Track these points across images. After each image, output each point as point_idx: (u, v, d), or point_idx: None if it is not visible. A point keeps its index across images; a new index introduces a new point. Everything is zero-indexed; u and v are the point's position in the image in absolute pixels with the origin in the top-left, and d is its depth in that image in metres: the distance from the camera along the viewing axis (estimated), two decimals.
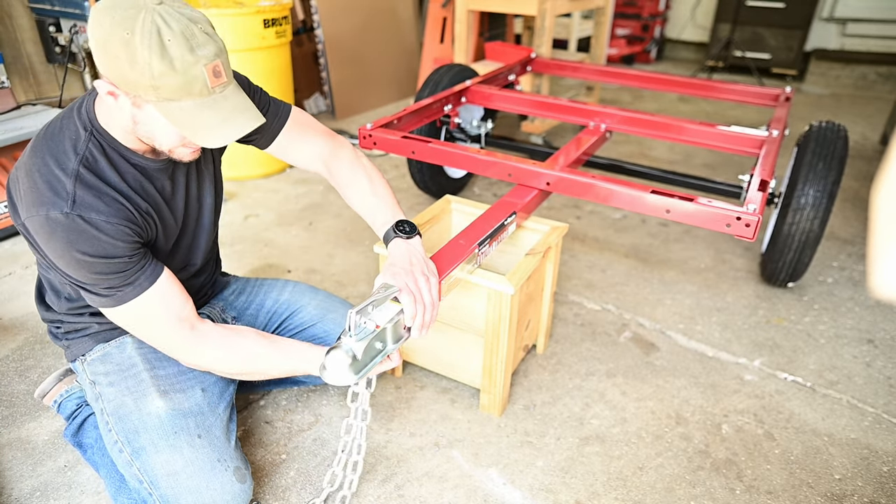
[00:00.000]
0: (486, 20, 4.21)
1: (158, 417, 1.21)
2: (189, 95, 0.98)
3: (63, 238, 1.03)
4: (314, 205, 2.83)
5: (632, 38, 5.88)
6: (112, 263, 1.07)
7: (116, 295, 1.11)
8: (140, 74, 0.95)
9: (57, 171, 1.05)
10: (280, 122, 1.39)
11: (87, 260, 1.05)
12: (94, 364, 1.30)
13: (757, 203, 1.56)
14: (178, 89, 0.97)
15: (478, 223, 1.56)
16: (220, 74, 1.00)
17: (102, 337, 1.32)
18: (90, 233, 1.04)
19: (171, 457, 1.18)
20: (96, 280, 1.08)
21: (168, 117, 1.00)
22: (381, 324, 1.12)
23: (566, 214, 2.81)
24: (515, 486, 1.43)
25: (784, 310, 2.14)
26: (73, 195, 1.03)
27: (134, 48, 0.93)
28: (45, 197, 1.03)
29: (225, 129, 1.03)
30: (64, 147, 1.07)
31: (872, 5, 5.05)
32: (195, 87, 0.98)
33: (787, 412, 1.68)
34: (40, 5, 3.11)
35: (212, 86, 1.00)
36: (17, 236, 2.46)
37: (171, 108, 0.99)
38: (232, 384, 1.39)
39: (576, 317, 2.06)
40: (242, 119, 1.05)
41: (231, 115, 1.03)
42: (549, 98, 2.50)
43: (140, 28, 0.93)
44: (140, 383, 1.25)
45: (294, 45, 3.85)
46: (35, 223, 1.04)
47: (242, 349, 1.21)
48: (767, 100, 2.71)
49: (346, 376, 1.09)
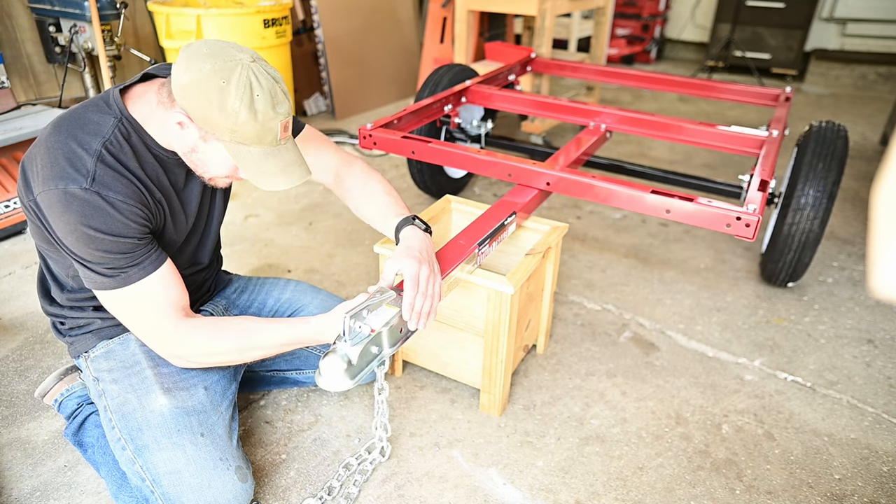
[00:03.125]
0: (486, 20, 4.21)
1: (162, 415, 1.21)
2: (260, 143, 1.10)
3: (78, 212, 1.06)
4: (314, 205, 2.83)
5: (632, 38, 5.88)
6: (121, 243, 1.10)
7: (120, 276, 1.13)
8: (225, 119, 1.05)
9: (79, 149, 1.08)
10: (295, 131, 1.44)
11: (99, 237, 1.07)
12: (98, 361, 1.30)
13: (757, 203, 1.56)
14: (253, 136, 1.08)
15: (478, 223, 1.56)
16: (287, 129, 1.13)
17: (106, 334, 1.32)
18: (106, 210, 1.07)
19: (174, 454, 1.18)
20: (102, 258, 1.10)
21: (235, 158, 1.11)
22: (377, 328, 1.12)
23: (566, 214, 2.81)
24: (515, 486, 1.43)
25: (784, 310, 2.14)
26: (93, 172, 1.07)
27: (227, 96, 1.04)
28: (65, 172, 1.06)
29: (282, 177, 1.14)
30: (88, 129, 1.11)
31: (872, 5, 5.05)
32: (268, 137, 1.09)
33: (787, 412, 1.68)
34: (40, 5, 3.11)
35: (280, 138, 1.11)
36: (17, 236, 2.45)
37: (240, 151, 1.10)
38: (234, 383, 1.39)
39: (576, 317, 2.06)
40: (297, 172, 1.16)
41: (289, 166, 1.15)
42: (549, 98, 2.50)
43: (236, 80, 1.04)
44: (143, 381, 1.25)
45: (294, 45, 3.85)
46: (51, 196, 1.06)
47: (233, 328, 1.22)
48: (767, 100, 2.71)
49: (341, 382, 1.08)
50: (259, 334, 1.21)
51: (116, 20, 3.07)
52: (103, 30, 2.94)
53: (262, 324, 1.23)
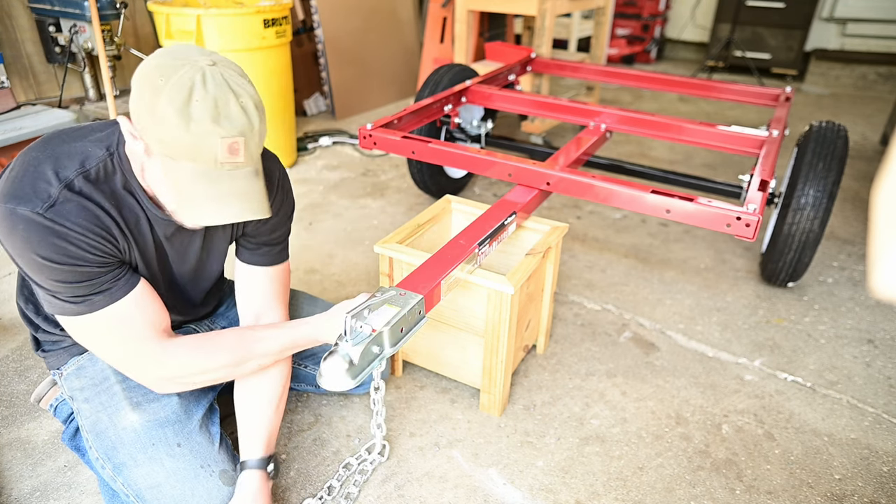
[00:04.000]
0: (486, 20, 4.21)
1: (134, 431, 1.18)
2: (193, 161, 0.93)
3: (23, 237, 0.95)
4: (314, 205, 2.83)
5: (632, 38, 5.87)
6: (77, 272, 0.99)
7: (84, 303, 1.02)
8: (154, 123, 0.91)
9: (50, 173, 0.98)
10: (270, 259, 1.30)
11: (48, 265, 0.97)
12: (70, 379, 1.26)
13: (757, 203, 1.56)
14: (183, 151, 0.92)
15: (478, 223, 1.56)
16: (236, 153, 0.94)
17: (77, 350, 1.27)
18: (51, 240, 0.95)
19: (152, 469, 1.16)
20: (58, 287, 1.00)
21: (166, 174, 0.96)
22: (378, 328, 1.12)
23: (566, 214, 2.81)
24: (515, 486, 1.42)
25: (784, 310, 2.14)
26: (53, 199, 0.96)
27: (158, 96, 0.90)
28: (22, 192, 0.95)
29: (212, 207, 0.94)
30: (74, 155, 1.01)
31: (872, 5, 5.05)
32: (201, 154, 0.92)
33: (787, 412, 1.68)
34: (40, 5, 3.11)
35: (221, 161, 0.93)
36: None
37: (170, 166, 0.95)
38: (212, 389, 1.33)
39: (576, 317, 2.06)
40: (239, 206, 0.95)
41: (228, 197, 0.95)
42: (549, 98, 2.50)
43: (175, 79, 0.90)
44: (112, 397, 1.21)
45: (294, 45, 3.85)
46: (0, 211, 0.96)
47: (226, 340, 1.15)
48: (767, 100, 2.71)
49: (343, 382, 1.08)
50: (255, 343, 1.17)
51: (116, 20, 3.08)
52: (103, 30, 2.94)
53: (258, 332, 1.19)
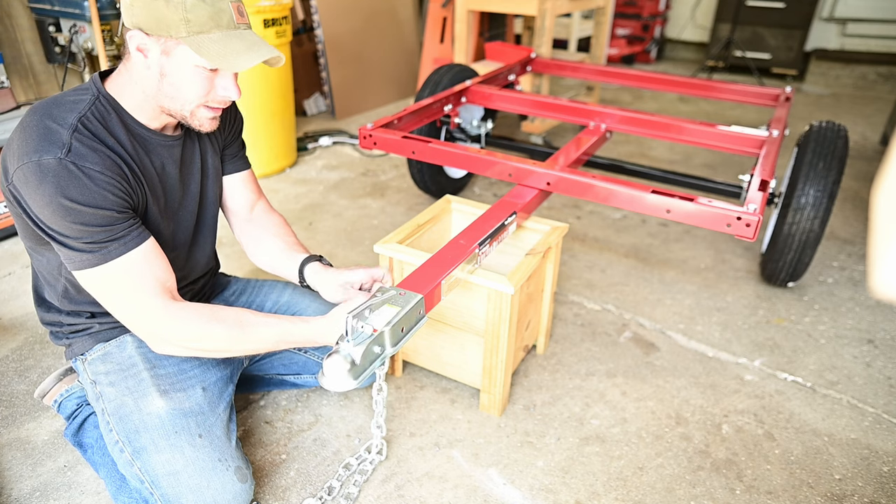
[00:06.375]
0: (486, 20, 4.21)
1: (159, 417, 1.21)
2: (218, 27, 1.09)
3: (53, 183, 1.03)
4: (314, 205, 2.83)
5: (632, 38, 5.88)
6: (99, 215, 1.07)
7: (100, 252, 1.09)
8: (174, 10, 1.04)
9: (53, 124, 1.07)
10: (244, 163, 1.51)
11: (75, 208, 1.05)
12: (95, 364, 1.30)
13: (757, 203, 1.56)
14: (208, 20, 1.07)
15: (478, 223, 1.56)
16: (243, 14, 1.13)
17: (103, 336, 1.32)
18: (81, 180, 1.05)
19: (172, 456, 1.18)
20: (80, 232, 1.07)
21: (199, 51, 1.08)
22: (379, 328, 1.12)
23: (566, 214, 2.81)
24: (515, 486, 1.42)
25: (784, 310, 2.14)
26: (68, 144, 1.05)
27: None
28: (39, 145, 1.04)
29: (251, 54, 1.12)
30: (64, 107, 1.10)
31: (872, 5, 5.05)
32: (223, 18, 1.09)
33: (788, 412, 1.68)
34: (40, 5, 3.11)
35: (237, 21, 1.12)
36: (17, 236, 2.45)
37: (201, 41, 1.08)
38: (231, 384, 1.39)
39: (576, 317, 2.06)
40: (265, 49, 1.15)
41: (254, 45, 1.14)
42: (549, 98, 2.50)
43: None
44: (140, 383, 1.25)
45: (294, 45, 3.85)
46: (26, 171, 1.04)
47: (228, 315, 1.19)
48: (767, 100, 2.71)
49: (344, 382, 1.08)
50: (255, 327, 1.20)
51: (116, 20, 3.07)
52: (103, 30, 2.94)
53: (260, 317, 1.22)
